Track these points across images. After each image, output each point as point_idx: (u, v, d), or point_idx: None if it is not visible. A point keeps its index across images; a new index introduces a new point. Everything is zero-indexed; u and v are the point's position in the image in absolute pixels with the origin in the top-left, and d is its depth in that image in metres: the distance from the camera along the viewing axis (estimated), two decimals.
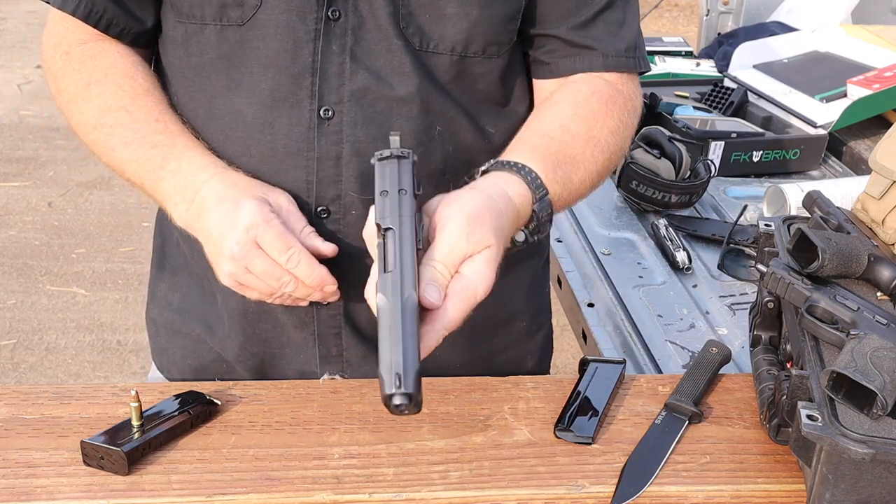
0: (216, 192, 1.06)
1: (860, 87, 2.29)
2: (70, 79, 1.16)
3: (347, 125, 1.11)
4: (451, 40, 1.11)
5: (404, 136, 1.11)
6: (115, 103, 1.13)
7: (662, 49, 2.67)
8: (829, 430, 0.87)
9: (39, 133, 4.99)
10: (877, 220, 1.12)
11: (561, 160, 1.09)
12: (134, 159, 1.11)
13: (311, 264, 1.02)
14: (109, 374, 3.22)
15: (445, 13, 1.10)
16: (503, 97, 1.19)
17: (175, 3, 1.13)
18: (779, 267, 1.03)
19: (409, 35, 1.10)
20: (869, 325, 0.96)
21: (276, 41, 1.09)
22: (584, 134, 1.13)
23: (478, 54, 1.13)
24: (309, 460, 0.99)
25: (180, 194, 1.08)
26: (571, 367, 3.22)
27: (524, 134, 1.14)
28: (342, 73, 1.10)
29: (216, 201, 1.05)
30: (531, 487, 0.97)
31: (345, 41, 1.09)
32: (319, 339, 1.20)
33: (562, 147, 1.11)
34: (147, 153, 1.10)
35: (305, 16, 1.08)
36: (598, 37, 1.18)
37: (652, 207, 1.93)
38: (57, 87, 1.18)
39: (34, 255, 3.88)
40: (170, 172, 1.09)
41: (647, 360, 1.49)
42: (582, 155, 1.12)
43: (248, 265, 1.02)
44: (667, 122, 2.14)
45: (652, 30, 6.34)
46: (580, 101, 1.16)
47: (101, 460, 0.96)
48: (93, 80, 1.15)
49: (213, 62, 1.12)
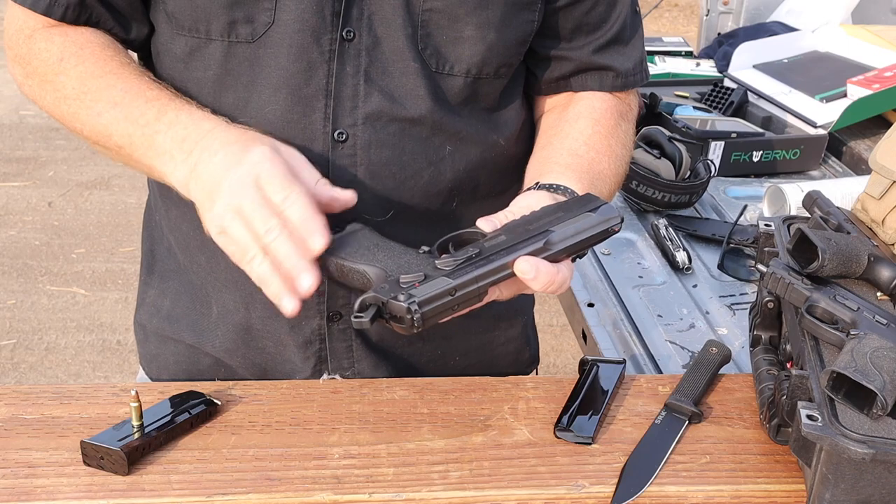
0: (223, 137, 0.98)
1: (860, 87, 2.29)
2: (39, 59, 1.08)
3: (361, 148, 1.09)
4: (466, 62, 1.11)
5: (415, 158, 1.11)
6: (99, 70, 1.06)
7: (662, 49, 2.67)
8: (829, 430, 0.87)
9: (39, 133, 4.99)
10: (877, 220, 1.12)
11: (594, 177, 1.12)
12: (124, 117, 1.03)
13: (307, 208, 0.92)
14: (109, 374, 3.22)
15: (463, 35, 1.09)
16: (505, 107, 1.19)
17: (175, 16, 1.08)
18: (779, 267, 1.03)
19: (427, 57, 1.09)
20: (869, 325, 0.96)
21: (289, 61, 1.06)
22: (606, 150, 1.16)
23: (490, 76, 1.14)
24: (309, 460, 0.99)
25: (178, 146, 1.00)
26: (571, 367, 3.22)
27: (553, 153, 1.15)
28: (356, 96, 1.08)
29: (223, 143, 0.97)
30: (531, 487, 0.97)
31: (359, 62, 1.07)
32: (331, 353, 1.19)
33: (591, 164, 1.14)
34: (141, 108, 1.03)
35: (320, 36, 1.05)
36: (612, 57, 1.20)
37: (652, 207, 1.93)
38: (25, 71, 1.11)
39: (34, 255, 3.88)
40: (166, 124, 1.01)
41: (647, 360, 1.49)
42: (607, 169, 1.16)
43: (240, 204, 0.93)
44: (667, 122, 2.14)
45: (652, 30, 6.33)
46: (598, 118, 1.19)
47: (101, 460, 0.96)
48: (66, 54, 1.07)
49: (218, 79, 1.09)
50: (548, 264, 0.94)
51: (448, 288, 0.91)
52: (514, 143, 1.20)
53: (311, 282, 0.91)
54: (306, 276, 0.91)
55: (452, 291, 0.91)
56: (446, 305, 0.91)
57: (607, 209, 1.01)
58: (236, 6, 1.05)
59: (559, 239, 0.96)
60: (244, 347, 1.21)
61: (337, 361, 1.20)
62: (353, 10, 1.06)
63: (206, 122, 1.01)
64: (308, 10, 1.04)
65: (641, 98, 2.19)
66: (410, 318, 0.89)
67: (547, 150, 1.17)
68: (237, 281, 1.16)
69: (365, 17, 1.06)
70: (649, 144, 1.96)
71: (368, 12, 1.06)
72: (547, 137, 1.19)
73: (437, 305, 0.90)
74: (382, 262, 0.95)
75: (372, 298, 0.91)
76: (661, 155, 1.92)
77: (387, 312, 0.90)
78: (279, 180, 0.93)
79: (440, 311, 0.91)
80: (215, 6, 1.05)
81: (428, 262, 0.94)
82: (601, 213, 1.00)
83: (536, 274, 0.93)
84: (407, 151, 1.11)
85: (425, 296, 0.90)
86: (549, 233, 0.96)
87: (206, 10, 1.05)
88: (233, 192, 0.93)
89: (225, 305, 1.19)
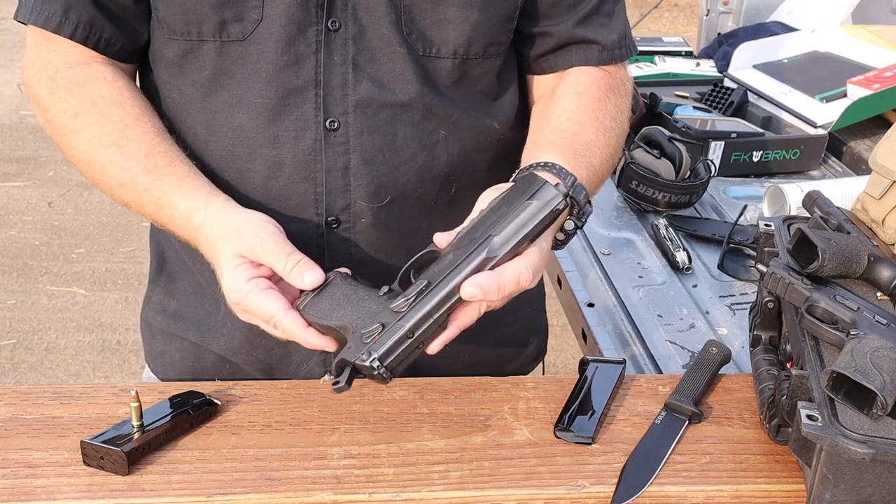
0: (206, 248, 1.06)
1: (860, 87, 2.29)
2: (57, 109, 1.13)
3: (354, 135, 1.11)
4: (452, 44, 1.12)
5: (408, 142, 1.11)
6: (106, 138, 1.10)
7: (662, 49, 2.66)
8: (829, 430, 0.87)
9: (39, 133, 4.98)
10: (877, 220, 1.12)
11: (578, 147, 1.11)
12: (133, 202, 1.11)
13: (294, 328, 0.99)
14: (109, 374, 3.22)
15: (446, 17, 1.10)
16: (499, 91, 1.20)
17: (166, 22, 1.10)
18: (779, 267, 1.03)
19: (412, 41, 1.10)
20: (869, 325, 0.96)
21: (278, 55, 1.08)
22: (592, 121, 1.15)
23: (479, 55, 1.14)
24: (309, 460, 0.99)
25: (184, 236, 1.09)
26: (571, 367, 3.22)
27: (536, 134, 1.16)
28: (345, 84, 1.10)
29: (209, 257, 1.06)
30: (531, 487, 0.97)
31: (346, 51, 1.09)
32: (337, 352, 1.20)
33: (574, 136, 1.13)
34: (140, 197, 1.10)
35: (306, 29, 1.08)
36: (594, 30, 1.19)
37: (652, 207, 1.93)
38: (45, 117, 1.15)
39: (34, 255, 3.88)
40: (168, 219, 1.09)
41: (647, 360, 1.49)
42: (595, 140, 1.14)
43: (245, 319, 1.03)
44: (667, 122, 2.13)
45: (652, 30, 6.34)
46: (581, 91, 1.18)
47: (101, 460, 0.96)
48: (80, 110, 1.11)
49: (212, 78, 1.11)
50: (490, 275, 0.94)
51: (404, 333, 0.93)
52: (509, 128, 1.21)
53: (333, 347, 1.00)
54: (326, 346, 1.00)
55: (410, 334, 0.93)
56: (409, 349, 0.93)
57: (546, 191, 0.98)
58: (226, 6, 1.07)
59: (501, 242, 0.96)
60: (249, 345, 1.22)
61: None
62: (337, 0, 1.07)
63: (189, 226, 1.07)
64: (293, 3, 1.06)
65: (642, 98, 2.19)
66: (378, 374, 0.92)
67: (534, 134, 1.17)
68: None
69: (349, 7, 1.08)
70: (649, 144, 1.95)
71: (353, 2, 1.08)
72: (536, 122, 1.20)
73: (398, 354, 0.93)
74: (349, 315, 0.97)
75: (341, 361, 0.94)
76: (661, 155, 1.92)
77: (358, 371, 0.94)
78: (258, 311, 0.99)
79: (405, 357, 0.93)
80: (205, 7, 1.07)
81: (386, 307, 0.95)
82: (540, 198, 0.98)
83: (484, 293, 0.93)
84: (399, 136, 1.12)
85: (384, 348, 0.92)
86: (489, 239, 0.95)
87: (196, 12, 1.07)
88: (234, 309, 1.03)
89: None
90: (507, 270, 0.95)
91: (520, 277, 0.95)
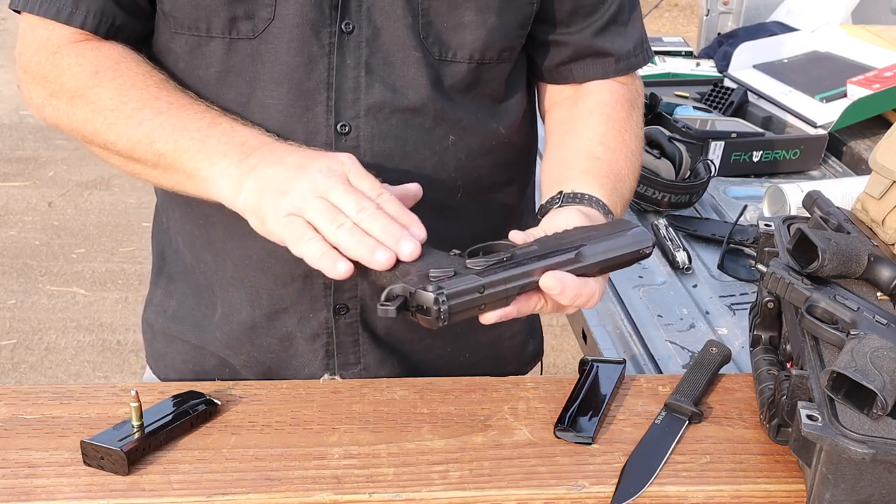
0: (289, 147, 0.99)
1: (860, 87, 2.29)
2: (69, 74, 1.06)
3: (364, 140, 1.09)
4: (469, 48, 1.11)
5: (418, 148, 1.11)
6: (140, 82, 1.05)
7: (662, 49, 2.66)
8: (829, 430, 0.87)
9: (39, 133, 4.99)
10: (877, 220, 1.12)
11: (614, 181, 1.13)
12: (171, 125, 1.02)
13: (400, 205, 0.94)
14: (109, 374, 3.22)
15: (464, 21, 1.09)
16: (506, 96, 1.19)
17: (172, 15, 1.08)
18: (779, 267, 1.03)
19: (429, 45, 1.09)
20: (869, 325, 0.96)
21: (290, 56, 1.06)
22: (622, 147, 1.16)
23: (493, 60, 1.13)
24: (309, 460, 0.99)
25: (235, 148, 0.99)
26: (571, 367, 3.22)
27: (569, 156, 1.15)
28: (358, 88, 1.08)
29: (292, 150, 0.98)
30: (531, 487, 0.96)
31: (359, 54, 1.08)
32: (338, 348, 1.19)
33: (610, 166, 1.14)
34: (191, 116, 1.02)
35: (319, 30, 1.06)
36: (611, 40, 1.19)
37: (652, 207, 1.93)
38: (49, 90, 1.09)
39: (34, 255, 3.88)
40: (220, 131, 1.01)
41: (647, 360, 1.49)
42: (625, 169, 1.16)
43: (327, 190, 0.92)
44: (667, 122, 2.13)
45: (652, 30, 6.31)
46: (609, 112, 1.18)
47: (101, 460, 0.96)
48: (101, 67, 1.06)
49: (220, 75, 1.09)
50: (574, 278, 0.94)
51: (477, 285, 0.91)
52: (514, 132, 1.20)
53: (412, 248, 0.91)
54: (407, 243, 0.91)
55: (481, 289, 0.91)
56: (473, 303, 0.91)
57: (640, 232, 1.03)
58: (237, 3, 1.05)
59: (590, 254, 0.97)
60: (248, 346, 1.21)
61: (344, 356, 1.20)
62: (352, 2, 1.06)
63: (267, 136, 1.02)
64: (307, 3, 1.05)
65: None
66: (437, 309, 0.88)
67: (562, 152, 1.17)
68: (243, 279, 1.17)
69: (364, 9, 1.07)
70: (649, 144, 1.95)
71: (368, 4, 1.06)
72: (559, 136, 1.19)
73: (464, 301, 0.90)
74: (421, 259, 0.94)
75: (400, 289, 0.90)
76: (661, 155, 1.92)
77: (413, 303, 0.90)
78: (370, 181, 0.95)
79: (467, 308, 0.91)
80: (216, 4, 1.05)
81: (458, 262, 0.94)
82: (633, 236, 1.02)
83: (563, 288, 0.93)
84: (410, 142, 1.11)
85: (454, 289, 0.89)
86: (581, 247, 0.97)
87: (206, 8, 1.06)
88: (317, 180, 0.93)
89: (230, 304, 1.20)
90: (590, 283, 0.95)
91: (592, 296, 0.96)
